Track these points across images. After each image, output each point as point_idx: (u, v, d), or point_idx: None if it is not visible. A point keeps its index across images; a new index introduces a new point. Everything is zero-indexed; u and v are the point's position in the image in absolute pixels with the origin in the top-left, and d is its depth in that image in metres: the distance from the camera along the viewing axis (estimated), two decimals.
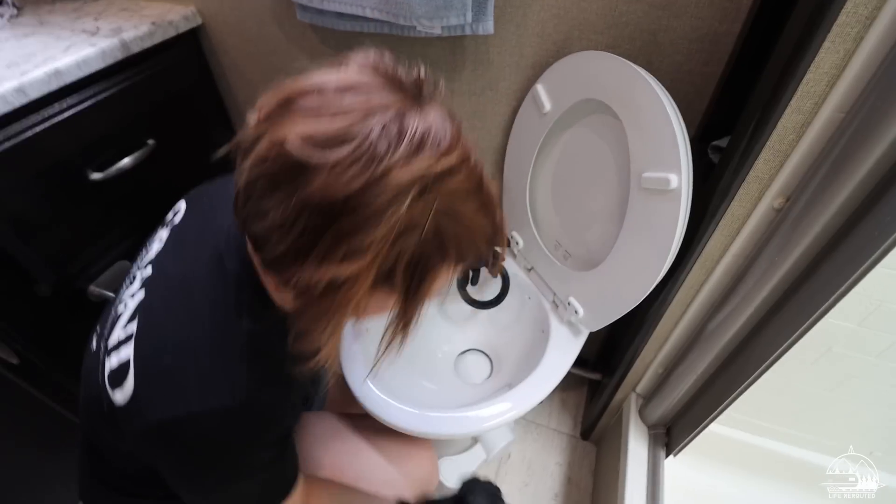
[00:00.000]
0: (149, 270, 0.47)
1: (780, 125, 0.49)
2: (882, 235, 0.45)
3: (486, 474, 1.05)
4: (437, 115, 0.34)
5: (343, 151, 0.30)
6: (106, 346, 0.44)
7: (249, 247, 0.41)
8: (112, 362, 0.42)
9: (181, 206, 0.55)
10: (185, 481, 0.44)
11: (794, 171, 0.51)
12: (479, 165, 0.37)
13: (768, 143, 0.51)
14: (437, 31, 0.70)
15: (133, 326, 0.43)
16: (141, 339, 0.41)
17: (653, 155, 0.58)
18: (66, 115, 0.74)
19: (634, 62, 0.69)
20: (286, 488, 0.49)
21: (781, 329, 0.57)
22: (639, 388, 0.91)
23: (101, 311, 0.55)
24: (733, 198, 0.56)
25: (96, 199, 0.85)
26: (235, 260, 0.42)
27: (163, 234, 0.51)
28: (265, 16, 0.90)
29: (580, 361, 0.84)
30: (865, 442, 0.79)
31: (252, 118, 0.35)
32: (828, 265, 0.51)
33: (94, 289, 0.90)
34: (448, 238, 0.36)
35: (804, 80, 0.46)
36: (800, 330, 0.54)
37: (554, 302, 0.86)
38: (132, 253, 0.95)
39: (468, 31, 0.71)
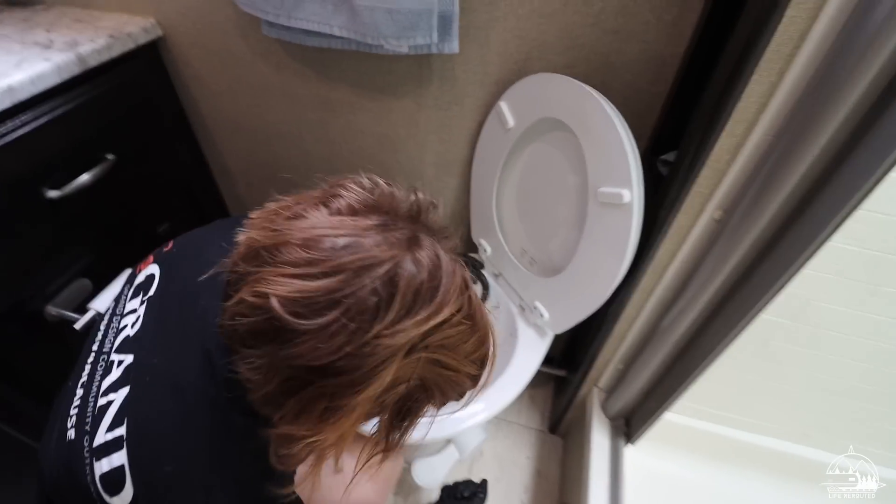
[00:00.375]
0: (129, 358, 0.43)
1: (717, 146, 0.55)
2: (806, 243, 0.52)
3: (460, 472, 1.09)
4: (432, 255, 0.33)
5: (331, 316, 0.29)
6: (91, 445, 0.40)
7: None
8: (102, 466, 0.39)
9: (154, 271, 0.49)
10: None
11: (731, 187, 0.57)
12: (472, 300, 0.35)
13: (707, 161, 0.56)
14: (404, 50, 0.73)
15: (122, 430, 0.39)
16: (135, 446, 0.38)
17: (607, 171, 0.63)
18: (19, 132, 0.72)
19: (590, 81, 0.74)
20: None
21: (723, 326, 0.63)
22: (601, 383, 0.97)
23: (68, 382, 0.48)
24: (679, 210, 0.62)
25: (53, 218, 0.82)
26: (223, 360, 0.38)
27: (136, 307, 0.46)
28: (229, 28, 0.89)
29: (546, 359, 0.88)
30: (799, 424, 0.88)
31: (239, 240, 0.34)
32: (761, 269, 0.57)
33: (51, 308, 0.87)
34: (433, 387, 0.35)
35: (736, 108, 0.52)
36: (739, 326, 0.60)
37: (521, 306, 0.91)
38: (92, 270, 0.93)
39: (434, 50, 0.74)
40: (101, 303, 0.85)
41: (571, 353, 1.16)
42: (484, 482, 0.69)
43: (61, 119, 0.78)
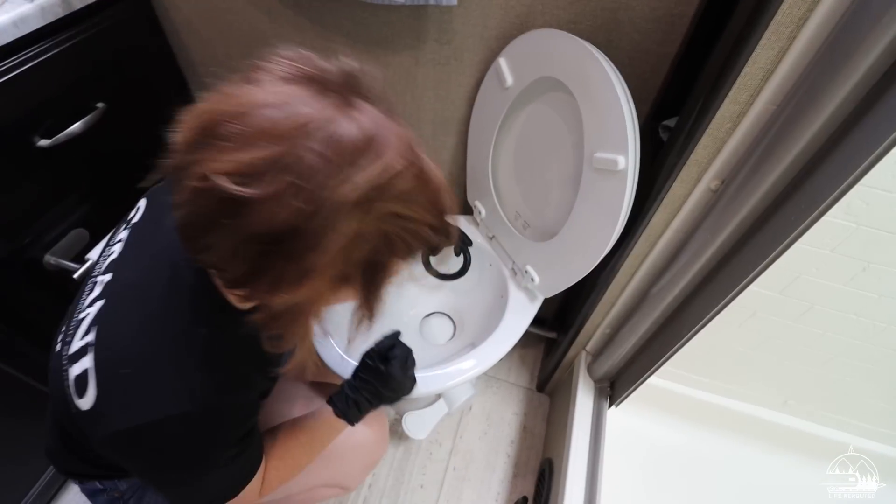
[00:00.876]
0: (108, 276, 0.46)
1: (718, 114, 0.53)
2: (798, 219, 0.51)
3: (449, 425, 1.14)
4: (371, 116, 0.33)
5: (277, 182, 0.29)
6: (67, 352, 0.44)
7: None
8: (75, 370, 0.42)
9: (141, 203, 0.53)
10: (151, 480, 0.46)
11: (730, 157, 0.56)
12: (420, 157, 0.36)
13: (708, 129, 0.54)
14: (400, 1, 0.69)
15: (92, 336, 0.42)
16: (99, 349, 0.41)
17: (604, 136, 0.61)
18: (4, 78, 0.70)
19: (595, 38, 0.71)
20: (252, 471, 0.51)
21: (712, 296, 0.63)
22: (588, 347, 0.99)
23: (68, 306, 0.53)
24: (675, 179, 0.61)
25: (46, 167, 0.81)
26: (190, 270, 0.42)
27: (123, 235, 0.50)
28: None
29: (538, 321, 0.89)
30: (781, 392, 0.90)
31: (174, 139, 0.33)
32: (753, 242, 0.57)
33: (50, 258, 0.88)
34: (396, 239, 0.36)
35: (742, 74, 0.49)
36: (728, 297, 0.60)
37: (513, 269, 0.91)
38: (89, 220, 0.93)
39: (432, 1, 0.70)
40: (98, 252, 0.86)
41: (563, 316, 1.18)
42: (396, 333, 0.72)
43: (47, 64, 0.76)
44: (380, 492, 1.04)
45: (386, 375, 0.59)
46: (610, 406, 0.91)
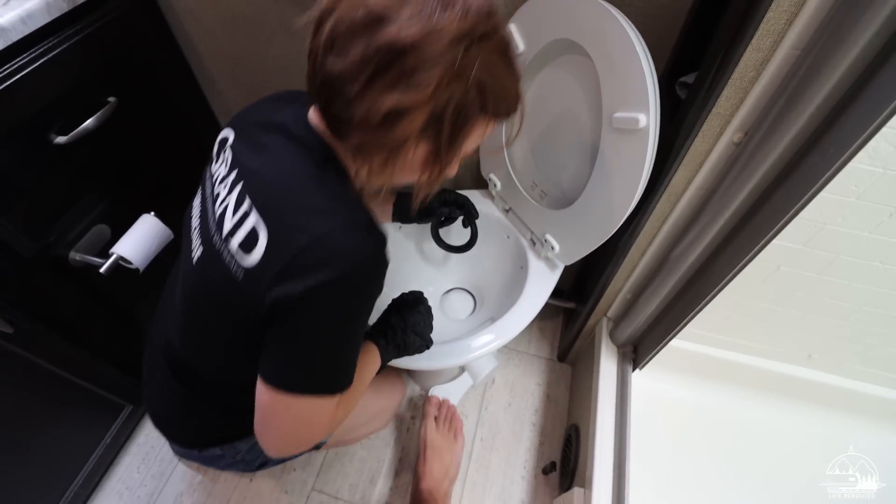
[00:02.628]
0: (232, 176, 0.52)
1: (741, 63, 0.52)
2: (824, 165, 0.50)
3: (474, 398, 1.16)
4: None
5: (411, 8, 0.38)
6: (221, 236, 0.49)
7: (321, 125, 0.49)
8: (238, 238, 0.47)
9: (227, 134, 0.57)
10: (300, 333, 0.46)
11: (753, 107, 0.55)
12: (509, 34, 0.44)
13: (730, 80, 0.54)
14: None
15: (246, 203, 0.48)
16: (262, 204, 0.47)
17: (623, 95, 0.60)
18: (17, 76, 0.70)
19: None
20: (351, 375, 0.52)
21: (736, 252, 0.63)
22: (609, 313, 0.99)
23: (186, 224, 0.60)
24: (697, 135, 0.60)
25: (64, 164, 0.82)
26: (313, 141, 0.49)
27: (222, 162, 0.55)
28: None
29: (556, 292, 0.90)
30: (805, 347, 0.90)
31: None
32: (778, 193, 0.56)
33: (74, 255, 0.89)
34: (487, 91, 0.42)
35: (765, 19, 0.48)
36: (752, 252, 0.60)
37: (531, 239, 0.91)
38: (109, 216, 0.94)
39: None
40: (123, 247, 0.87)
41: (581, 287, 1.18)
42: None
43: (57, 60, 0.76)
44: (410, 466, 1.07)
45: (409, 322, 0.67)
46: (634, 370, 0.92)
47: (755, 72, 0.52)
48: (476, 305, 1.06)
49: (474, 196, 1.01)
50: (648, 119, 0.58)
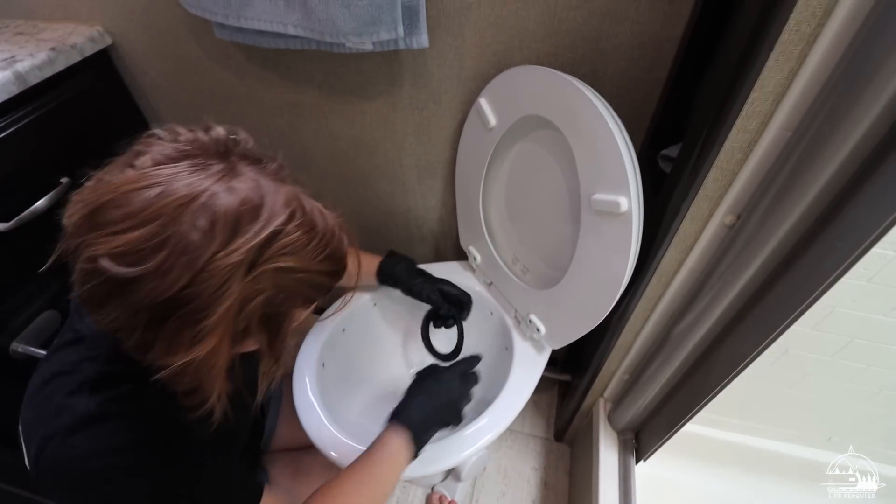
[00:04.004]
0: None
1: (726, 145, 0.47)
2: (844, 250, 0.44)
3: (463, 490, 1.04)
4: (250, 180, 0.35)
5: (160, 257, 0.31)
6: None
7: None
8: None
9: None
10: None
11: (744, 189, 0.50)
12: (308, 208, 0.38)
13: (716, 162, 0.49)
14: (369, 47, 0.65)
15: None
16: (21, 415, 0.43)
17: (601, 176, 0.55)
18: None
19: (578, 71, 0.66)
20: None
21: (744, 341, 0.56)
22: (606, 394, 0.91)
23: None
24: (684, 216, 0.54)
25: (6, 251, 0.76)
26: (92, 343, 0.43)
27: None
28: (181, 33, 0.81)
29: (549, 362, 0.82)
30: (823, 430, 0.82)
31: (64, 224, 0.35)
32: (785, 281, 0.50)
33: (16, 346, 0.81)
34: (290, 291, 0.38)
35: (749, 100, 0.44)
36: (763, 343, 0.53)
37: (516, 318, 0.84)
38: (60, 300, 0.87)
39: (402, 46, 0.66)
40: None
41: (576, 357, 1.10)
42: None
43: (2, 144, 0.71)
44: None
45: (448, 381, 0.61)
46: (637, 462, 0.82)
47: (742, 153, 0.48)
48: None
49: (453, 268, 0.94)
50: (630, 203, 0.52)
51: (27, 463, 0.41)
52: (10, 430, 0.82)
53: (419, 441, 0.56)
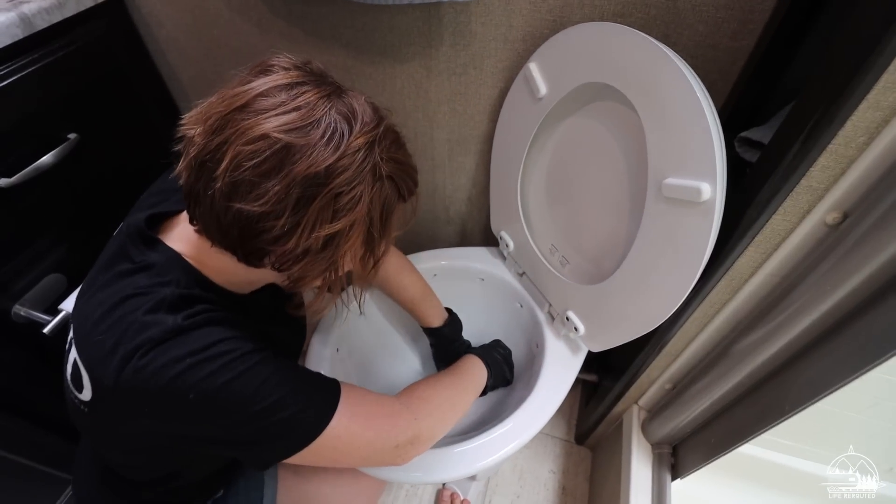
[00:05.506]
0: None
1: (849, 124, 0.38)
2: None
3: (476, 489, 0.99)
4: (356, 95, 0.41)
5: (316, 134, 0.36)
6: (68, 385, 0.47)
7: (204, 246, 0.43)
8: (70, 373, 0.45)
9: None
10: (197, 422, 0.41)
11: (860, 182, 0.41)
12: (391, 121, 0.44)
13: (830, 146, 0.40)
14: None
15: (74, 351, 0.44)
16: (77, 339, 0.44)
17: (679, 158, 0.47)
18: None
19: (648, 33, 0.56)
20: (328, 401, 0.46)
21: (839, 363, 0.47)
22: (642, 402, 0.83)
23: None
24: (775, 210, 0.46)
25: (7, 208, 0.71)
26: (158, 265, 0.44)
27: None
28: None
29: None
30: (888, 459, 0.73)
31: (194, 131, 0.38)
32: None
33: (18, 309, 0.77)
34: (397, 180, 0.42)
35: (888, 69, 0.35)
36: (865, 368, 0.45)
37: (549, 313, 0.76)
38: (66, 263, 0.82)
39: None
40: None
41: (607, 356, 1.02)
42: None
43: (3, 93, 0.65)
44: None
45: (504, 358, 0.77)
46: (674, 479, 0.75)
47: (867, 136, 0.38)
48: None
49: (482, 255, 0.87)
50: (715, 191, 0.44)
51: (101, 384, 0.41)
52: (10, 398, 0.79)
53: (491, 383, 0.72)
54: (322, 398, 0.46)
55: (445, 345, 0.80)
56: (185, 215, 0.45)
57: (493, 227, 0.85)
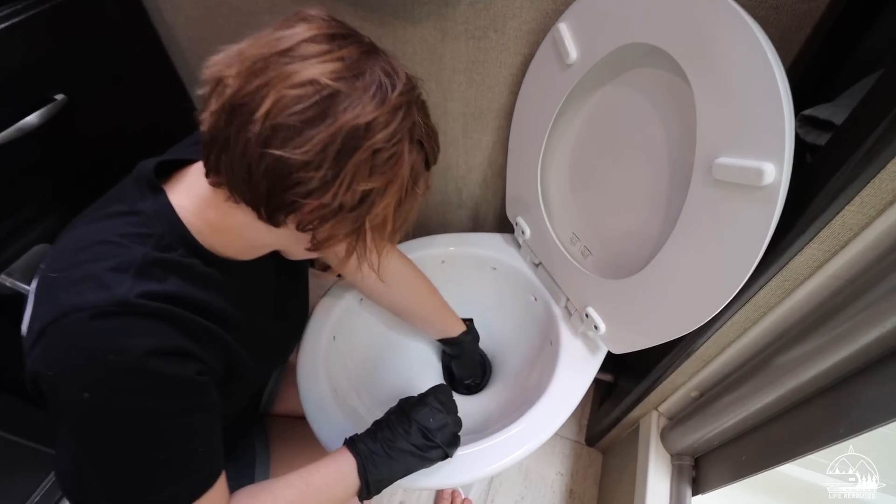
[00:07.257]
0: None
1: None
2: None
3: (478, 489, 0.94)
4: (393, 57, 0.39)
5: (362, 82, 0.35)
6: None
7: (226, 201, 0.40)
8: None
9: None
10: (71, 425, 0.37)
11: None
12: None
13: None
14: None
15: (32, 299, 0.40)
16: (41, 271, 0.40)
17: (736, 132, 0.39)
18: None
19: None
20: (199, 483, 0.41)
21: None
22: (662, 408, 0.76)
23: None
24: (850, 200, 0.38)
25: None
26: (149, 219, 0.41)
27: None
28: None
29: None
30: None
31: (228, 73, 0.35)
32: None
33: (4, 279, 0.73)
34: (426, 148, 0.41)
35: None
36: None
37: (566, 308, 0.70)
38: (54, 234, 0.78)
39: None
40: None
41: (625, 354, 0.95)
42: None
43: None
44: None
45: (409, 418, 0.53)
46: (695, 494, 0.68)
47: None
48: (488, 378, 0.85)
49: (495, 241, 0.80)
50: (781, 173, 0.36)
51: (26, 325, 0.38)
52: None
53: (368, 480, 0.49)
54: (179, 490, 0.40)
55: (470, 353, 0.77)
56: (197, 167, 0.42)
57: (508, 211, 0.78)
